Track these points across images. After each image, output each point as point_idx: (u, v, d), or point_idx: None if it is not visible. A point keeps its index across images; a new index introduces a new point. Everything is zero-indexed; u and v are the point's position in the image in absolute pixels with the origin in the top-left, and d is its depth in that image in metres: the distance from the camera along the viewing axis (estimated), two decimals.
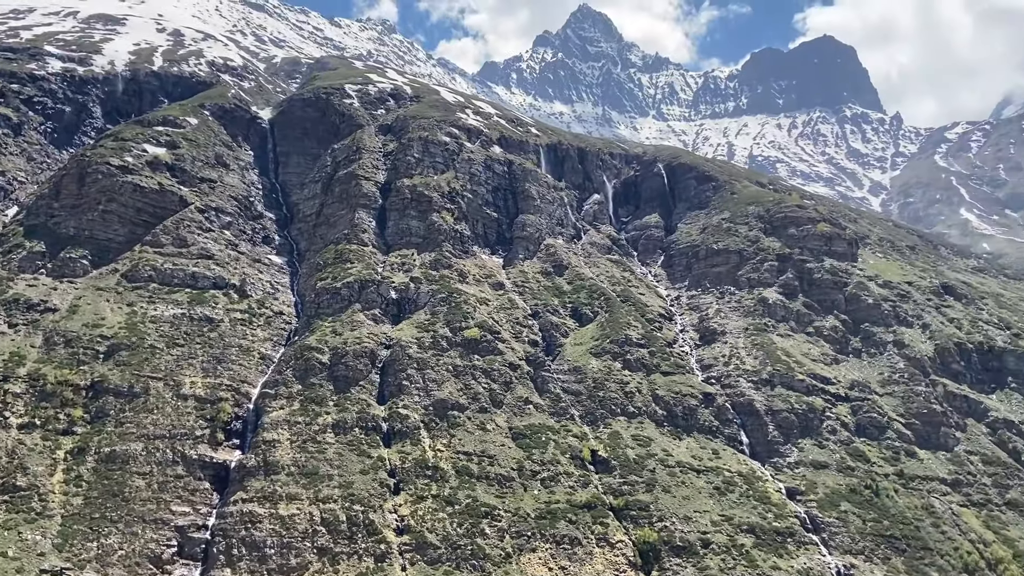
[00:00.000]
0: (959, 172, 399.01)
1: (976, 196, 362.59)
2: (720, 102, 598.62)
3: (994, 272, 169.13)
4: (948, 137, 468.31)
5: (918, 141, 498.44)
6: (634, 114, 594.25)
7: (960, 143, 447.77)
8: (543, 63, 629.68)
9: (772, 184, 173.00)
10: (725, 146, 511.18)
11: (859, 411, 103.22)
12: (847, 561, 79.58)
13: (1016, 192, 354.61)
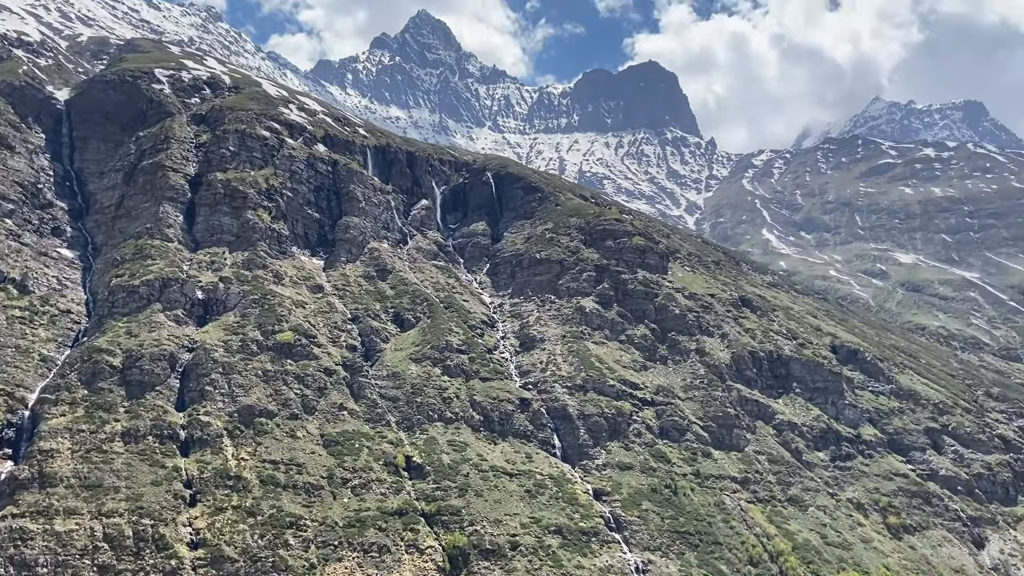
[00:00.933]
0: (763, 196, 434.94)
1: (776, 218, 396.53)
2: (554, 118, 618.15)
3: (786, 288, 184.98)
4: (755, 163, 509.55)
5: (729, 165, 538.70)
6: (471, 124, 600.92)
7: (764, 169, 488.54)
8: (380, 66, 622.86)
9: (594, 198, 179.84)
10: (557, 161, 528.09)
11: (663, 415, 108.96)
12: (645, 558, 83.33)
13: (810, 216, 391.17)
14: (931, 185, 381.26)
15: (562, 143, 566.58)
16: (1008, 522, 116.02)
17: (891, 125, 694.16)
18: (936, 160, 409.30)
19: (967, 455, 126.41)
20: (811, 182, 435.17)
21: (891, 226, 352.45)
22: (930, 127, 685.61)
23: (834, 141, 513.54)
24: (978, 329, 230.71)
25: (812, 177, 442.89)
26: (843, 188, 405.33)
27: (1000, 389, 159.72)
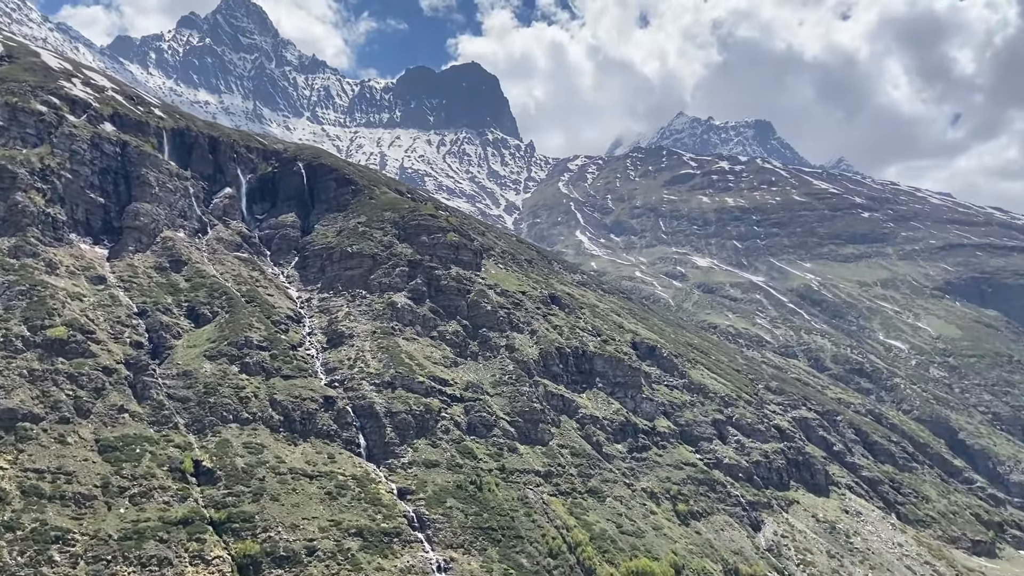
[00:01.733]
0: (577, 199, 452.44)
1: (589, 221, 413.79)
2: (376, 112, 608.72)
3: (594, 287, 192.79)
4: (571, 167, 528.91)
5: (547, 168, 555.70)
6: (288, 113, 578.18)
7: (579, 173, 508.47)
8: (188, 47, 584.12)
9: (411, 193, 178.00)
10: (378, 156, 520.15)
11: (472, 411, 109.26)
12: (447, 556, 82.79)
13: (620, 220, 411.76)
14: (725, 195, 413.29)
15: (384, 138, 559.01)
16: (781, 506, 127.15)
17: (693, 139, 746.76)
18: (730, 173, 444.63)
19: (748, 444, 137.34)
20: (621, 188, 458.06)
21: (690, 232, 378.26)
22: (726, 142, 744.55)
23: (642, 150, 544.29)
24: (761, 328, 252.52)
25: (622, 183, 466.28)
26: (649, 195, 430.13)
27: (778, 383, 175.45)
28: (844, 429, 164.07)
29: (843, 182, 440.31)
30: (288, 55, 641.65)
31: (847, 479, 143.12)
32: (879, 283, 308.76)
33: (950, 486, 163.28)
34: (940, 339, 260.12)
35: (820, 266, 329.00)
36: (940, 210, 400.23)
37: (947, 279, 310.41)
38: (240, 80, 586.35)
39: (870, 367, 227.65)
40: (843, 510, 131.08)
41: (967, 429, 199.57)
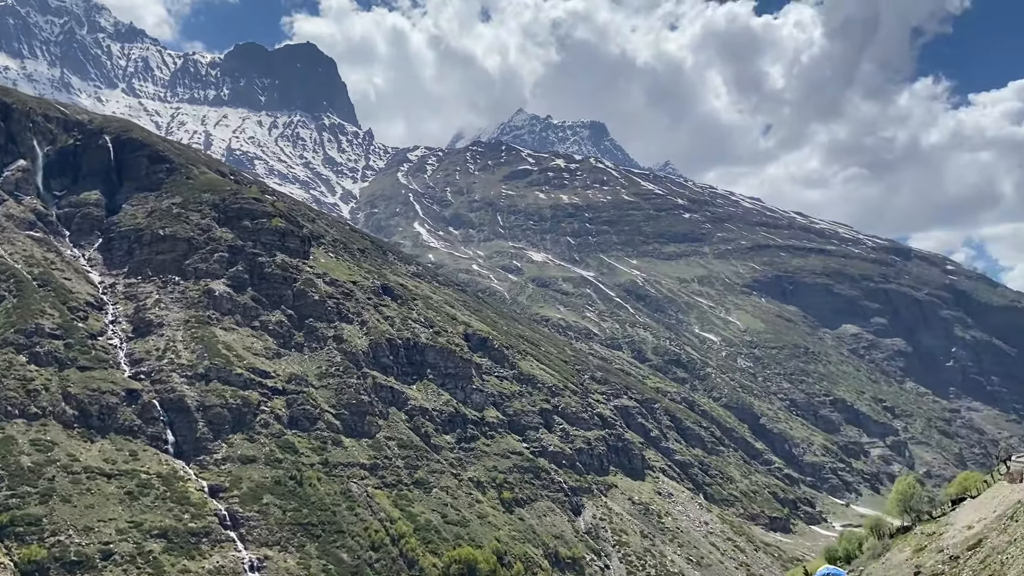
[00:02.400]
0: (416, 190, 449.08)
1: (428, 213, 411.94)
2: (200, 88, 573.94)
3: (429, 278, 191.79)
4: (410, 158, 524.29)
5: (386, 158, 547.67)
6: (100, 84, 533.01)
7: (419, 164, 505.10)
8: None
9: (234, 175, 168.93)
10: (203, 134, 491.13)
11: (294, 404, 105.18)
12: (262, 554, 79.20)
13: (458, 213, 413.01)
14: (560, 193, 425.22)
15: (209, 116, 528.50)
16: (601, 490, 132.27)
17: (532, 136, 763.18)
18: (565, 171, 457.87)
19: (572, 432, 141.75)
20: (460, 181, 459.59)
21: (527, 227, 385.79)
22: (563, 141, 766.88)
23: (482, 145, 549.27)
24: (590, 321, 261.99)
25: (462, 176, 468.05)
26: (488, 189, 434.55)
27: (603, 373, 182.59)
28: (661, 416, 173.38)
29: (668, 184, 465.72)
30: (102, 21, 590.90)
31: (661, 463, 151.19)
32: (696, 280, 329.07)
33: (752, 467, 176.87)
34: (747, 332, 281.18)
35: (645, 263, 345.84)
36: (751, 213, 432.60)
37: (755, 277, 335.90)
38: (47, 45, 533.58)
39: (686, 358, 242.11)
40: (657, 492, 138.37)
41: (768, 415, 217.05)
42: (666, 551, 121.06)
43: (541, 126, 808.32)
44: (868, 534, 40.14)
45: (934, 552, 27.94)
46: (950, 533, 29.28)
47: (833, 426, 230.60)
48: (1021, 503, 24.88)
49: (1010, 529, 23.54)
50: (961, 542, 26.45)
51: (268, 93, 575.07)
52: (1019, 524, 23.26)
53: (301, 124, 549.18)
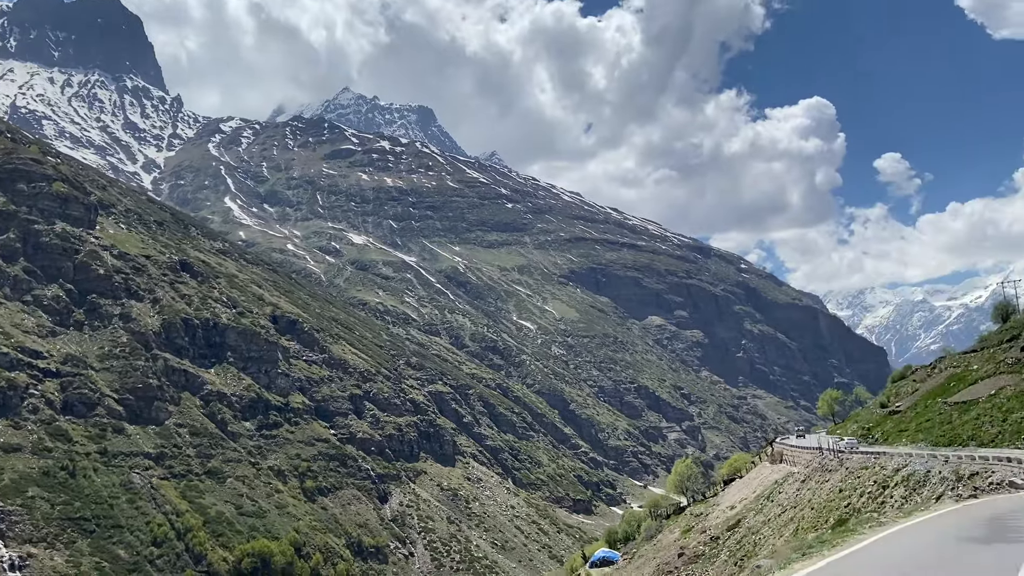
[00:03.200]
0: (229, 164, 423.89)
1: (241, 188, 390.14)
2: None
3: (236, 256, 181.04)
4: (224, 129, 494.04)
5: (196, 127, 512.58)
6: None
7: (233, 136, 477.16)
8: None
9: (11, 133, 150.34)
10: None
11: (70, 387, 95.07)
12: (24, 551, 70.71)
13: (275, 190, 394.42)
14: (384, 175, 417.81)
15: None
16: (410, 476, 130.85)
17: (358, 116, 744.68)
18: (390, 153, 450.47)
19: (383, 418, 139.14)
20: (279, 157, 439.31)
21: (348, 208, 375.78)
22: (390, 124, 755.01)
23: (304, 120, 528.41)
24: (409, 306, 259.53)
25: (280, 152, 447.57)
26: (308, 167, 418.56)
27: (418, 359, 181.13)
28: (475, 402, 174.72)
29: (492, 173, 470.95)
30: None
31: (473, 448, 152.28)
32: (516, 269, 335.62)
33: (560, 451, 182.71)
34: (562, 321, 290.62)
35: (467, 250, 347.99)
36: (571, 207, 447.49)
37: (571, 268, 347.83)
38: None
39: (503, 345, 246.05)
40: (466, 478, 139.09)
41: (577, 400, 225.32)
42: (472, 536, 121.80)
43: (368, 107, 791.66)
44: (646, 515, 41.33)
45: (698, 533, 28.75)
46: (715, 513, 30.33)
47: (636, 412, 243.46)
48: (777, 483, 26.00)
49: (765, 509, 24.41)
50: (723, 522, 27.35)
51: (62, 48, 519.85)
52: (773, 504, 24.14)
53: (99, 84, 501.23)
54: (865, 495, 26.84)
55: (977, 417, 47.64)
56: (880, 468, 30.31)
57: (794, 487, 28.21)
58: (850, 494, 27.06)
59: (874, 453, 38.42)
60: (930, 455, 33.12)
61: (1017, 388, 49.19)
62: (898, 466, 29.68)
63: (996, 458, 32.14)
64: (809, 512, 26.75)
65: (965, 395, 49.01)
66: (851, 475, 31.23)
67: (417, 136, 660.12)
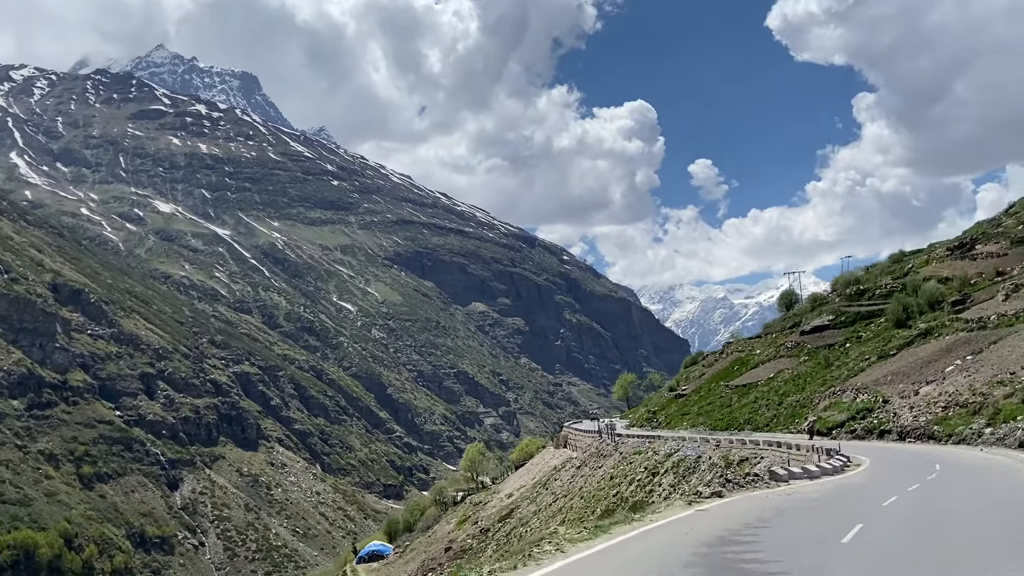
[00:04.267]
0: (18, 115, 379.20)
1: (31, 143, 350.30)
2: None
3: (15, 216, 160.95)
4: (14, 77, 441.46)
5: None
6: None
7: (25, 86, 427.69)
8: None
9: None
10: None
11: None
12: None
13: (70, 148, 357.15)
14: (200, 141, 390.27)
15: None
16: (206, 462, 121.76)
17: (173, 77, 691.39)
18: (207, 118, 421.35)
19: (178, 399, 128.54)
20: (77, 112, 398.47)
21: (155, 173, 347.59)
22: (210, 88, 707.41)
23: (109, 75, 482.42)
24: (219, 282, 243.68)
25: (79, 107, 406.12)
26: (111, 126, 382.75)
27: (224, 338, 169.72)
28: (285, 384, 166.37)
29: (319, 148, 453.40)
30: None
31: (279, 432, 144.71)
32: (340, 248, 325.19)
33: (373, 436, 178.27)
34: (384, 304, 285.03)
35: (288, 226, 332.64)
36: (399, 188, 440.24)
37: (397, 251, 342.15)
38: None
39: (320, 326, 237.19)
40: (269, 463, 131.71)
41: (395, 385, 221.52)
42: (271, 524, 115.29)
43: (185, 68, 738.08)
44: (430, 503, 39.24)
45: (471, 524, 26.89)
46: (493, 502, 28.68)
47: (455, 396, 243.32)
48: (556, 469, 24.66)
49: (539, 498, 22.84)
50: (496, 512, 25.65)
51: None
52: (547, 492, 22.59)
53: None
54: (635, 483, 25.88)
55: (755, 400, 49.81)
56: (652, 453, 29.54)
57: (569, 474, 27.04)
58: (620, 482, 26.10)
59: (649, 437, 38.40)
60: (703, 439, 33.14)
61: (794, 371, 51.80)
62: (670, 451, 28.92)
63: (767, 443, 32.11)
64: (579, 502, 25.49)
65: (746, 378, 50.64)
66: (624, 460, 30.36)
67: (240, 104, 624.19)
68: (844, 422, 39.77)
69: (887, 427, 37.64)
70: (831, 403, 42.39)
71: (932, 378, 39.79)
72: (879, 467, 25.37)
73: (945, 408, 34.89)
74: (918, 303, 52.29)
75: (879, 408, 39.84)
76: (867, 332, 54.85)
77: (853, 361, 49.43)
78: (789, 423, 43.19)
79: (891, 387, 41.60)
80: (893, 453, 30.79)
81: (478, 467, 38.86)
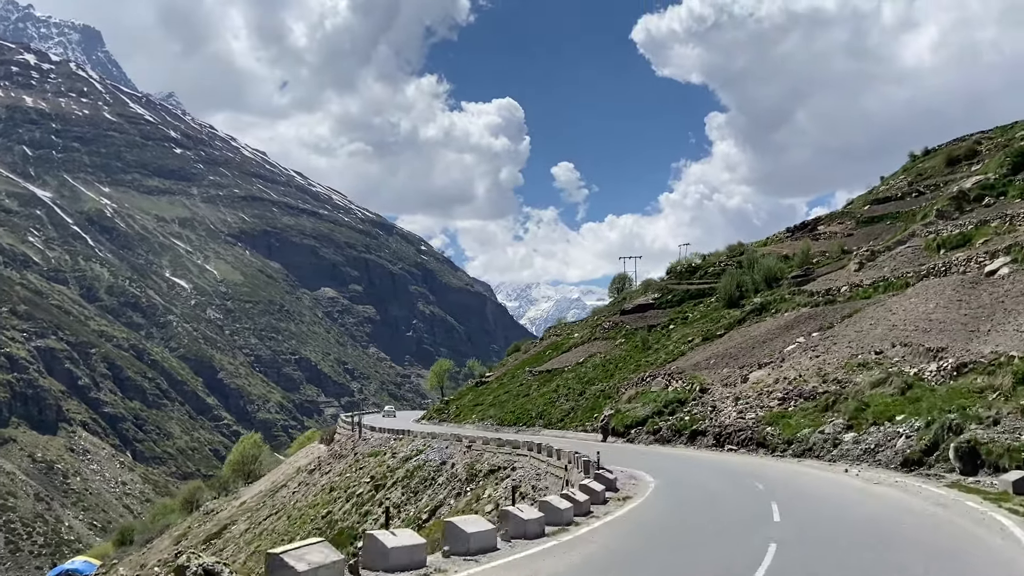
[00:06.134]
0: None
1: None
2: None
3: None
4: None
5: None
6: None
7: None
8: None
9: None
10: None
11: None
12: None
13: None
14: (25, 93, 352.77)
15: None
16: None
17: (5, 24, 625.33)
18: (35, 69, 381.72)
19: None
20: None
21: None
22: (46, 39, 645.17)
23: None
24: (32, 247, 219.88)
25: None
26: None
27: (28, 308, 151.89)
28: (97, 363, 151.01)
29: (162, 112, 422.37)
30: None
31: (84, 415, 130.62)
32: (178, 221, 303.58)
33: (198, 423, 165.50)
34: (224, 283, 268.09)
35: (120, 193, 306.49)
36: (251, 163, 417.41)
37: (243, 228, 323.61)
38: None
39: (147, 302, 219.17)
40: (69, 449, 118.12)
41: (228, 369, 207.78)
42: (65, 516, 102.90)
43: (20, 15, 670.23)
44: (178, 506, 33.48)
45: (174, 544, 21.85)
46: (225, 512, 23.69)
47: (294, 384, 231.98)
48: (299, 471, 20.21)
49: (257, 512, 18.16)
50: (211, 527, 20.85)
51: None
52: (267, 506, 17.94)
53: None
54: (354, 500, 21.48)
55: (556, 389, 45.26)
56: (391, 455, 25.25)
57: (301, 479, 22.59)
58: (339, 496, 21.78)
59: (398, 433, 34.27)
60: (454, 438, 29.41)
61: (606, 356, 48.42)
62: (412, 453, 24.59)
63: (529, 446, 27.07)
64: (284, 523, 20.95)
65: (554, 363, 47.58)
66: (356, 464, 25.98)
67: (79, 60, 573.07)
68: (647, 418, 33.39)
69: (701, 426, 30.50)
70: (637, 392, 36.96)
71: (767, 360, 33.69)
72: (663, 505, 16.92)
73: (783, 401, 28.26)
74: (753, 279, 48.11)
75: (694, 400, 33.38)
76: (695, 312, 51.36)
77: (674, 344, 45.20)
78: (587, 417, 38.81)
79: (713, 372, 35.78)
80: (700, 471, 23.31)
81: (250, 465, 33.42)
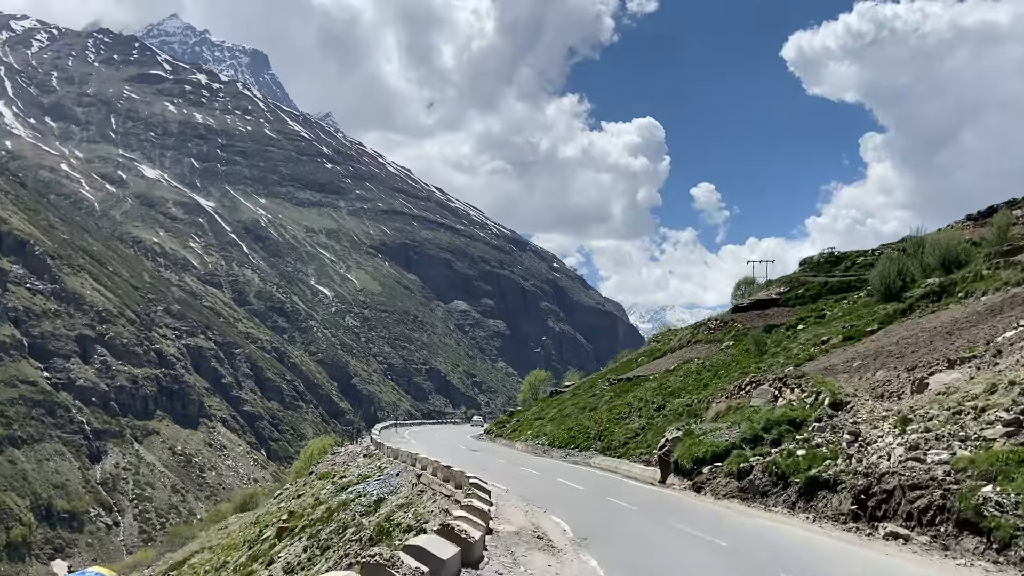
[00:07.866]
0: (11, 64, 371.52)
1: (21, 94, 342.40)
2: None
3: None
4: (15, 27, 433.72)
5: None
6: None
7: (24, 37, 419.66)
8: None
9: None
10: None
11: None
12: None
13: (62, 103, 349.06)
14: (196, 110, 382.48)
15: None
16: (136, 436, 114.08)
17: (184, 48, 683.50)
18: (206, 88, 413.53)
19: (116, 366, 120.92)
20: (74, 68, 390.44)
21: (146, 138, 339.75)
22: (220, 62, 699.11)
23: (111, 35, 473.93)
24: (192, 252, 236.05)
25: (77, 64, 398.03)
26: (107, 86, 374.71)
27: (181, 308, 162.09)
28: (241, 363, 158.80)
29: (316, 130, 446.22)
30: None
31: (225, 412, 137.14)
32: (324, 232, 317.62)
33: (330, 425, 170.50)
34: (363, 292, 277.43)
35: (275, 204, 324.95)
36: (395, 179, 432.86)
37: (383, 240, 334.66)
38: None
39: (291, 307, 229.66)
40: (208, 443, 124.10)
41: (361, 375, 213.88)
42: (198, 508, 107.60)
43: (196, 39, 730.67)
44: (237, 506, 32.23)
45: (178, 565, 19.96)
46: (234, 527, 21.76)
47: (423, 394, 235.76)
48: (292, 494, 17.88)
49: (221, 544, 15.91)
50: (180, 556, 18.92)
51: None
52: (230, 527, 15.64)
53: None
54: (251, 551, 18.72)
55: (630, 402, 36.70)
56: (337, 480, 22.55)
57: (276, 503, 20.14)
58: (249, 538, 19.13)
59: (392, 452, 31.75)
60: (411, 463, 25.83)
61: (706, 361, 39.62)
62: (355, 479, 21.67)
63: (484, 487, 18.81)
64: (234, 554, 18.57)
65: (642, 371, 42.32)
66: (306, 490, 23.35)
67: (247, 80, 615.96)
68: (731, 448, 21.16)
69: (828, 472, 16.68)
70: (729, 408, 25.23)
71: (966, 354, 19.74)
72: None
73: (1014, 427, 14.25)
74: (923, 262, 34.79)
75: (817, 420, 19.80)
76: (835, 310, 39.19)
77: (800, 346, 33.90)
78: (657, 441, 27.56)
79: (856, 377, 23.13)
80: None
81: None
